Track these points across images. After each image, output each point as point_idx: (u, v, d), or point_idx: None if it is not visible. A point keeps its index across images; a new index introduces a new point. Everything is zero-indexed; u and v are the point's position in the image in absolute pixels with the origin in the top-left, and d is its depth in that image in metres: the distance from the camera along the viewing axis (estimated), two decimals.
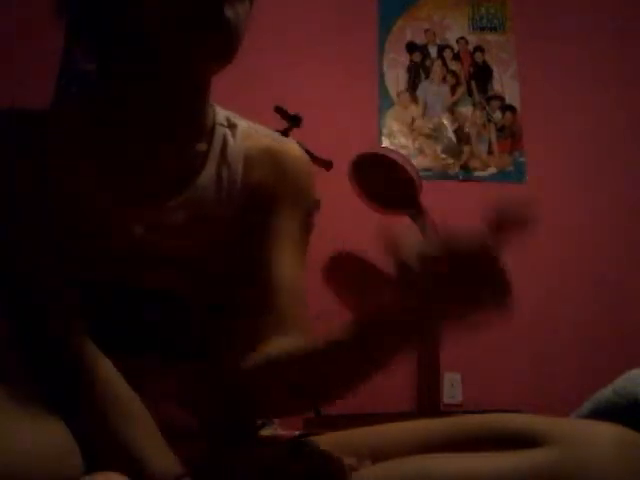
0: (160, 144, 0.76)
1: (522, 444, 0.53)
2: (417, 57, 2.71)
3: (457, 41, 2.76)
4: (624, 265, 2.48)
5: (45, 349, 0.67)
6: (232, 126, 0.82)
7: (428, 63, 2.71)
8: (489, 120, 2.64)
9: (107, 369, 0.66)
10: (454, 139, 2.61)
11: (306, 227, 0.82)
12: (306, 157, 0.85)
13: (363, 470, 0.57)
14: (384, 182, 2.27)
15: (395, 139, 2.58)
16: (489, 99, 2.68)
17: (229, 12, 0.68)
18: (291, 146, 0.84)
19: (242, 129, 0.82)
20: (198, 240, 0.75)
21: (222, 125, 0.81)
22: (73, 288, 0.70)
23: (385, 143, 2.55)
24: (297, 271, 0.77)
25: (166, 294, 0.74)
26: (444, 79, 2.70)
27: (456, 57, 2.74)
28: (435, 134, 2.61)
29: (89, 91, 0.82)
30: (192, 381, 0.72)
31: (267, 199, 0.79)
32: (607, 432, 0.51)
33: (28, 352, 0.68)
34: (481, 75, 2.71)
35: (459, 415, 0.65)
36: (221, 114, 0.82)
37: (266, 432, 0.91)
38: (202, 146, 0.78)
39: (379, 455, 0.60)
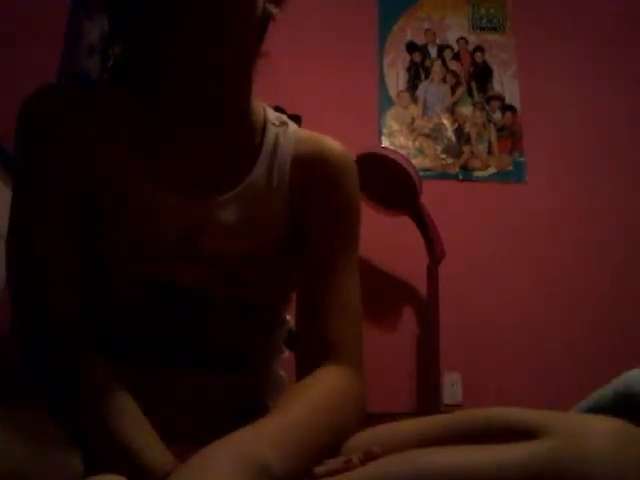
0: (208, 136, 0.75)
1: (517, 437, 0.52)
2: (417, 57, 2.71)
3: (457, 41, 2.76)
4: (624, 265, 2.48)
5: (45, 355, 0.66)
6: (283, 124, 0.81)
7: (428, 63, 2.71)
8: (489, 120, 2.64)
9: (104, 373, 0.65)
10: (454, 139, 2.61)
11: (355, 241, 0.80)
12: (354, 166, 0.84)
13: (356, 469, 0.57)
14: (384, 182, 2.27)
15: (395, 139, 2.57)
16: (489, 99, 2.68)
17: None
18: (342, 152, 0.83)
19: (293, 129, 0.81)
20: (244, 239, 0.74)
21: (274, 124, 0.80)
22: (80, 295, 0.69)
23: (385, 143, 2.54)
24: (353, 291, 0.76)
25: (197, 294, 0.72)
26: (444, 79, 2.69)
27: (456, 57, 2.73)
28: (435, 134, 2.61)
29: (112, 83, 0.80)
30: (206, 387, 0.72)
31: (314, 206, 0.78)
32: (603, 423, 0.51)
33: (29, 356, 0.68)
34: (481, 75, 2.71)
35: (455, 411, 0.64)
36: (272, 114, 0.82)
37: None
38: (256, 140, 0.77)
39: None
